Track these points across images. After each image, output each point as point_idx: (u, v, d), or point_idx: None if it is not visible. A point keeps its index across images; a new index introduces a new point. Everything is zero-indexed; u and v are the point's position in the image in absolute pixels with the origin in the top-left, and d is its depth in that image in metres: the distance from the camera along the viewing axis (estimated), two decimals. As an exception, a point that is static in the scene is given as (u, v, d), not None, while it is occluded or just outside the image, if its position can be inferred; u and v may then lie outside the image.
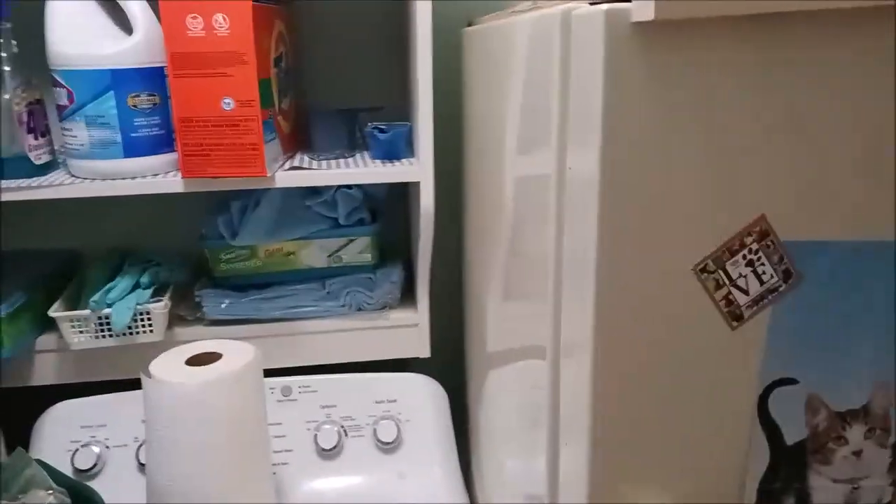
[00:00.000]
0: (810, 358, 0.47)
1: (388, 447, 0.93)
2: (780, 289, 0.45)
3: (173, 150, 0.81)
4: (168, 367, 0.74)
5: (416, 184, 0.88)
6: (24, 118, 0.78)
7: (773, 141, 0.44)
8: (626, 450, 0.50)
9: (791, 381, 0.47)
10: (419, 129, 0.84)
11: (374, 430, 0.93)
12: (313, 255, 0.96)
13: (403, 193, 1.04)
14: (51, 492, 0.66)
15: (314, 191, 0.94)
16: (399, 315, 0.97)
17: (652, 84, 0.43)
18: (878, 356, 0.47)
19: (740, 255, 0.44)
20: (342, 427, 0.93)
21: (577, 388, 0.50)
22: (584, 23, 0.45)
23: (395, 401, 0.96)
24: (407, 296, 0.99)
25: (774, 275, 0.45)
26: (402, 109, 0.98)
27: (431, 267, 0.95)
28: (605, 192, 0.44)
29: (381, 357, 0.98)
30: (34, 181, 0.79)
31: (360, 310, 0.96)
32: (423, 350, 0.98)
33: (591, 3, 0.45)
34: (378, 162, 0.88)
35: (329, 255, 0.96)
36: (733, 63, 0.42)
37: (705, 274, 0.44)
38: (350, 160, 0.90)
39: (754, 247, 0.44)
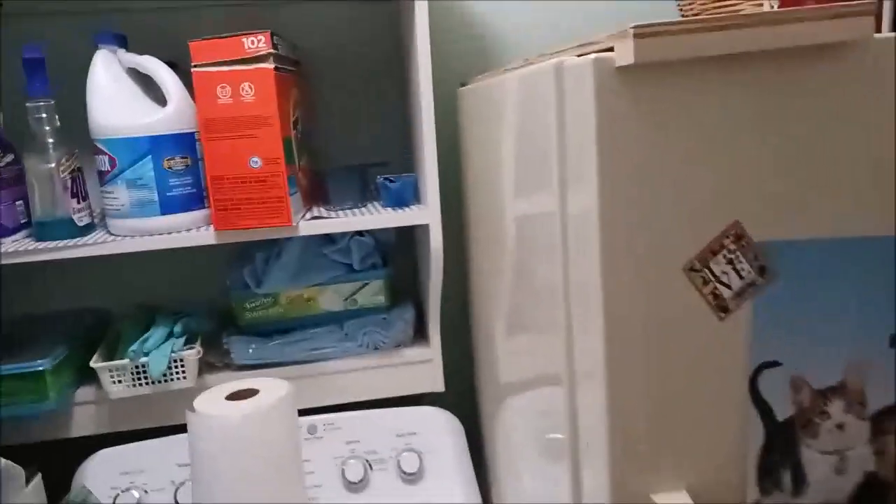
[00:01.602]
0: (791, 342, 0.54)
1: (412, 478, 0.98)
2: (758, 283, 0.53)
3: (204, 207, 0.89)
4: (211, 403, 0.80)
5: (424, 229, 0.96)
6: (69, 185, 0.86)
7: (743, 159, 0.52)
8: (642, 453, 0.56)
9: (775, 364, 0.54)
10: (426, 176, 0.92)
11: (398, 462, 0.98)
12: (331, 299, 1.03)
13: (410, 240, 1.12)
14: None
15: (330, 240, 1.02)
16: (413, 352, 1.04)
17: (637, 120, 0.51)
18: (849, 338, 0.55)
19: (721, 254, 0.52)
20: (367, 461, 0.98)
21: (594, 406, 0.56)
22: (575, 73, 0.54)
23: (415, 433, 1.01)
24: (419, 334, 1.06)
25: (751, 271, 0.52)
26: (404, 165, 1.07)
27: (441, 306, 1.02)
28: (605, 219, 0.52)
29: (397, 393, 1.04)
30: (79, 241, 0.86)
31: (376, 349, 1.03)
32: (438, 384, 1.04)
33: (579, 56, 0.53)
34: (389, 209, 0.96)
35: (345, 299, 1.03)
36: (706, 95, 0.51)
37: (693, 273, 0.52)
38: (364, 209, 0.98)
39: (732, 247, 0.52)
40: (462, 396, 1.11)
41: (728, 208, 0.52)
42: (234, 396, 0.82)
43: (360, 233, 1.02)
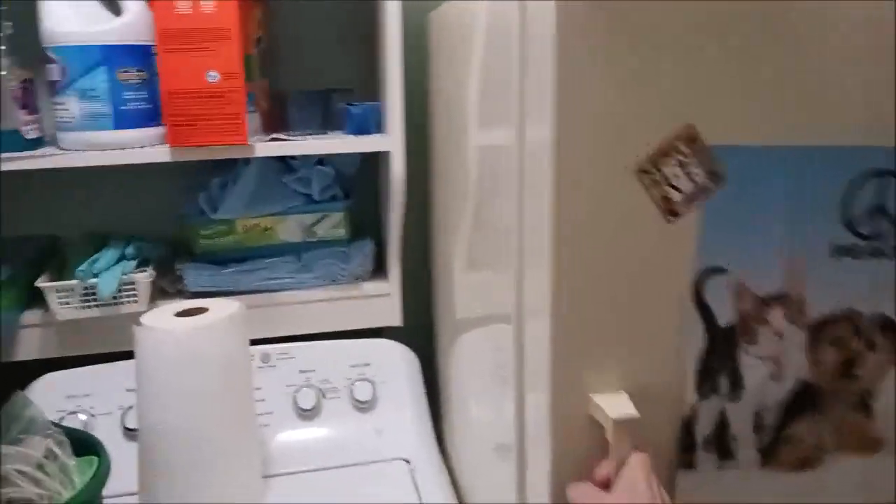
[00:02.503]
0: (736, 248, 0.55)
1: (364, 406, 0.98)
2: (708, 187, 0.54)
3: (160, 124, 0.87)
4: (159, 319, 0.79)
5: (386, 159, 0.95)
6: (18, 94, 0.83)
7: (697, 62, 0.52)
8: (585, 355, 0.57)
9: (720, 270, 0.56)
10: (389, 102, 0.91)
11: (351, 391, 0.98)
12: (289, 229, 1.02)
13: (373, 174, 1.11)
14: (49, 432, 0.69)
15: (290, 168, 1.00)
16: (371, 286, 1.03)
17: (596, 21, 0.51)
18: (793, 247, 0.56)
19: (672, 156, 0.52)
20: (320, 389, 0.98)
21: (540, 319, 0.56)
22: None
23: (368, 364, 1.01)
24: (379, 268, 1.06)
25: (702, 175, 0.53)
26: (368, 94, 1.06)
27: (401, 241, 1.01)
28: (560, 115, 0.52)
29: (355, 326, 1.03)
30: (27, 154, 0.83)
31: (333, 281, 1.02)
32: (395, 319, 1.05)
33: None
34: (351, 136, 0.95)
35: (304, 230, 1.02)
36: (660, 16, 0.51)
37: (644, 174, 0.52)
38: (325, 136, 0.96)
39: (685, 150, 0.52)
40: (420, 331, 1.11)
41: (681, 111, 0.52)
42: (184, 314, 0.81)
43: (321, 162, 1.01)
